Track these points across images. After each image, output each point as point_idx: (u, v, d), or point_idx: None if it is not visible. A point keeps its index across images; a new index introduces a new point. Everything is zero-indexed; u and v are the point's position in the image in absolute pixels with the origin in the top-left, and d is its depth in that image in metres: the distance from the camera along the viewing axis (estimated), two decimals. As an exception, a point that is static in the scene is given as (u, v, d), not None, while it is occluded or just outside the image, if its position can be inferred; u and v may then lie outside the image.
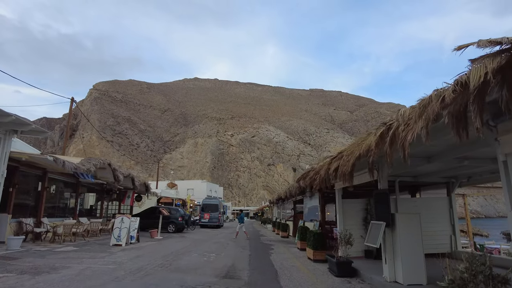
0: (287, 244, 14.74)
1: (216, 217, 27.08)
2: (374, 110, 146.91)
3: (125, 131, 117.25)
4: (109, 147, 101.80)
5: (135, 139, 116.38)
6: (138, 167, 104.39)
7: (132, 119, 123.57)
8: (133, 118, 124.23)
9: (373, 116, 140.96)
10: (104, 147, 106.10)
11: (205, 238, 16.93)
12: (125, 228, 12.05)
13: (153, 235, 15.98)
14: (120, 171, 17.06)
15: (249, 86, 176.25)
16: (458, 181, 9.49)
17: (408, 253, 5.94)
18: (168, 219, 19.91)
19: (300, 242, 12.35)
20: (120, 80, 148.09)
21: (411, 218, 6.19)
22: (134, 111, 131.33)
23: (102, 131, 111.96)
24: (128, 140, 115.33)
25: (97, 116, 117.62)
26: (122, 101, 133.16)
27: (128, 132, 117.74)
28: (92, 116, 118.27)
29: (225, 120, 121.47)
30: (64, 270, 6.87)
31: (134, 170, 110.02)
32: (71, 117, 23.46)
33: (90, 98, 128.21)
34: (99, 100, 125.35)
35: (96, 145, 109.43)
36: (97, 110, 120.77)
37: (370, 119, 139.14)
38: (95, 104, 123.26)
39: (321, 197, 11.55)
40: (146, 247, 11.73)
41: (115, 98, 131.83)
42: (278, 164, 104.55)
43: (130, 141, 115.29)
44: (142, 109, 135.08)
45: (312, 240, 9.62)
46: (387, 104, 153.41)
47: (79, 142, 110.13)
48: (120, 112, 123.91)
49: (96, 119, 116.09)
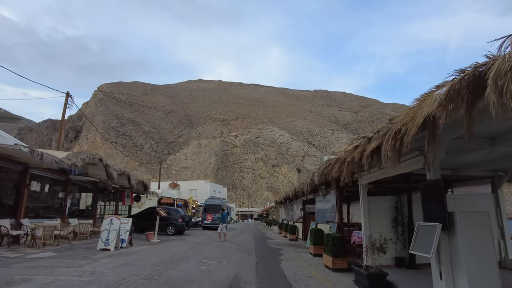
0: (297, 249, 13.11)
1: (219, 218, 25.43)
2: (379, 111, 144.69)
3: (129, 132, 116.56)
4: (113, 148, 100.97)
5: (139, 140, 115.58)
6: (142, 168, 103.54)
7: (136, 120, 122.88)
8: (137, 120, 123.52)
9: (378, 117, 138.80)
10: (108, 148, 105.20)
11: (207, 241, 15.34)
12: (115, 231, 10.51)
13: (149, 238, 14.44)
14: (114, 167, 15.59)
15: (252, 87, 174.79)
16: (508, 174, 7.82)
17: (475, 265, 4.32)
18: (167, 221, 18.38)
19: (314, 247, 10.73)
20: (125, 82, 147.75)
21: (478, 217, 4.55)
22: (138, 112, 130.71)
23: (106, 132, 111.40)
24: (132, 141, 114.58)
25: (101, 118, 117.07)
26: (127, 103, 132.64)
27: (132, 134, 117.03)
28: (96, 117, 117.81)
29: (229, 121, 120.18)
30: (21, 285, 5.33)
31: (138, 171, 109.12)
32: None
33: (95, 100, 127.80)
34: (104, 101, 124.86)
35: (100, 146, 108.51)
36: (102, 112, 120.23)
37: (375, 119, 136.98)
38: (100, 106, 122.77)
39: (338, 195, 9.92)
40: (138, 253, 10.17)
41: (119, 99, 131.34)
42: (283, 165, 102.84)
43: (134, 142, 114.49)
44: (146, 111, 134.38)
45: (331, 246, 8.00)
46: (392, 105, 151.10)
47: (83, 143, 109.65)
48: (124, 113, 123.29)
49: (101, 120, 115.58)
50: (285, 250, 12.49)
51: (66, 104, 21.42)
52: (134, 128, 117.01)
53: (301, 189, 13.89)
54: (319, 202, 12.40)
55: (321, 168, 9.54)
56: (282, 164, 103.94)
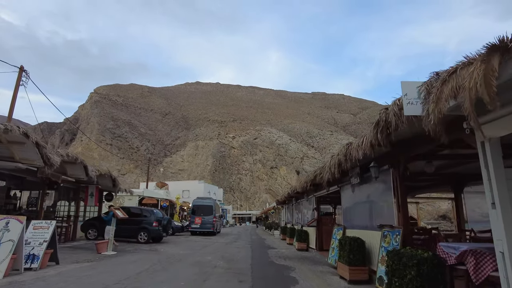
0: (315, 266, 8.58)
1: (210, 222, 20.81)
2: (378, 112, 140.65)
3: (125, 134, 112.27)
4: (108, 150, 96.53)
5: (135, 142, 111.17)
6: (137, 171, 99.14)
7: (132, 122, 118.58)
8: (134, 122, 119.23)
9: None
10: (102, 150, 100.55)
11: (185, 254, 10.76)
12: (10, 242, 5.97)
13: (100, 249, 9.87)
14: (58, 151, 11.11)
15: (250, 89, 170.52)
16: None
17: None
18: (139, 225, 13.80)
19: (349, 268, 6.24)
20: (121, 84, 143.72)
21: None
22: (135, 114, 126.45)
23: (101, 134, 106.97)
24: (128, 143, 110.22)
25: (96, 119, 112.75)
26: (123, 105, 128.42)
27: (128, 135, 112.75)
28: (91, 119, 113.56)
29: (227, 123, 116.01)
30: None
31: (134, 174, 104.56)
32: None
33: (90, 102, 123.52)
34: (99, 103, 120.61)
35: (95, 148, 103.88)
36: (97, 113, 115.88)
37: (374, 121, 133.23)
38: (95, 108, 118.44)
39: (397, 178, 5.46)
40: (43, 282, 5.63)
41: (115, 101, 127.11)
42: (281, 167, 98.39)
43: (130, 144, 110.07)
44: (143, 113, 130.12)
45: (415, 281, 3.54)
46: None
47: (77, 145, 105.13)
48: (120, 115, 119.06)
49: (96, 122, 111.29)
50: (298, 269, 7.94)
51: (19, 80, 17.01)
52: (130, 130, 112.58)
53: (315, 180, 9.40)
54: (351, 194, 7.90)
55: (371, 131, 5.17)
56: (281, 166, 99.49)
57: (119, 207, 12.62)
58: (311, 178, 10.63)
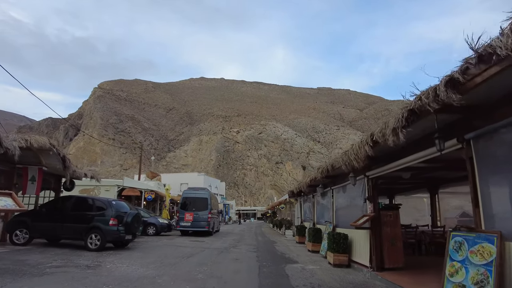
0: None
1: (204, 219, 15.79)
2: (384, 107, 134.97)
3: (128, 129, 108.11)
4: (110, 145, 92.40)
5: (138, 137, 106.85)
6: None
7: (135, 117, 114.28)
8: (137, 117, 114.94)
9: (384, 114, 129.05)
10: (105, 145, 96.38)
11: (142, 276, 5.72)
12: None
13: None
14: None
15: (255, 85, 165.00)
16: None
17: None
18: (88, 223, 8.86)
19: None
20: (125, 80, 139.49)
21: None
22: (138, 109, 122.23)
23: (104, 128, 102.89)
24: (131, 138, 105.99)
25: (99, 114, 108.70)
26: (126, 100, 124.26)
27: (131, 130, 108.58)
28: (94, 113, 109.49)
29: (231, 118, 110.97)
30: None
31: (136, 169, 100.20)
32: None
33: (94, 97, 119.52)
34: (103, 98, 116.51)
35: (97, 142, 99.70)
36: (100, 108, 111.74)
37: (381, 116, 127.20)
38: (98, 102, 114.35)
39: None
40: None
41: (119, 96, 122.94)
42: (287, 162, 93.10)
43: (133, 139, 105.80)
44: (147, 108, 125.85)
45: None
46: (398, 102, 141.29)
47: (80, 139, 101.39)
48: (124, 110, 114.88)
49: (99, 117, 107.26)
50: None
51: None
52: (133, 125, 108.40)
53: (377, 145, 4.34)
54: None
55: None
56: (287, 161, 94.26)
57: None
58: (363, 142, 5.57)
